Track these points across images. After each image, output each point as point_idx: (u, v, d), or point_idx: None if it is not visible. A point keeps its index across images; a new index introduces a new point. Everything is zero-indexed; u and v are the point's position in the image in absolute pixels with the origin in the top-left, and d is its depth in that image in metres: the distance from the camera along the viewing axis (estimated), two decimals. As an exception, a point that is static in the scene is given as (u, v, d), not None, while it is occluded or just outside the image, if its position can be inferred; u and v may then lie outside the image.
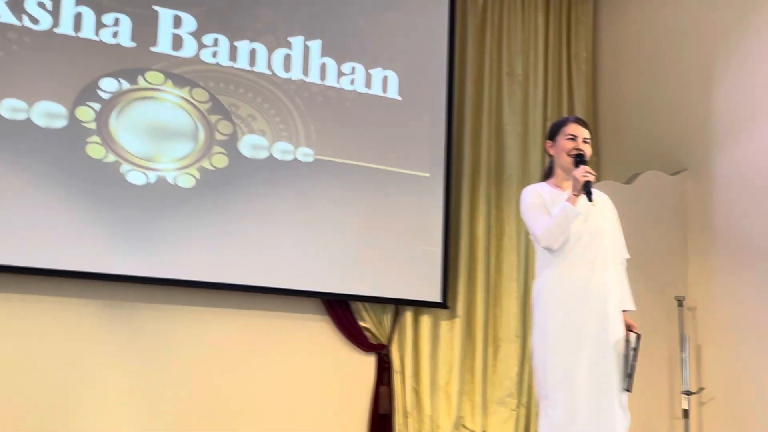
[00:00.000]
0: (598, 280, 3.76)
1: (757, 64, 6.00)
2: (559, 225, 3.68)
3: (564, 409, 3.63)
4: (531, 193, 3.90)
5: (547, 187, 3.93)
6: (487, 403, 6.56)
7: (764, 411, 5.64)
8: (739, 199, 6.01)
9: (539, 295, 3.81)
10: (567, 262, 3.74)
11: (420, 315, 6.46)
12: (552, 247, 3.73)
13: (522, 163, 6.95)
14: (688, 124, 6.50)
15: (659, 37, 6.88)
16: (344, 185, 6.24)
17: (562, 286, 3.74)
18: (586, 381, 3.65)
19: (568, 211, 3.67)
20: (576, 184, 3.70)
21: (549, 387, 3.67)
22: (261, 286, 5.90)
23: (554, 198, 3.86)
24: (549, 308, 3.75)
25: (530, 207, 3.86)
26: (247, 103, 6.03)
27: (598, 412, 3.65)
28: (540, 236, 3.74)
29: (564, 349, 3.67)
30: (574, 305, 3.71)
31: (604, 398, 3.66)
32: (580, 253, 3.76)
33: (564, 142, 3.88)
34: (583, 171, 3.70)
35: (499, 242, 6.81)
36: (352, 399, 6.22)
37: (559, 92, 7.25)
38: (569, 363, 3.65)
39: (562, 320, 3.71)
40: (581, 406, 3.62)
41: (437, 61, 6.70)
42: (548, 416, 3.66)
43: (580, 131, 3.90)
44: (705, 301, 6.19)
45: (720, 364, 6.02)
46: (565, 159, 3.88)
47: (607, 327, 3.75)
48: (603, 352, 3.71)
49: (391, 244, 6.32)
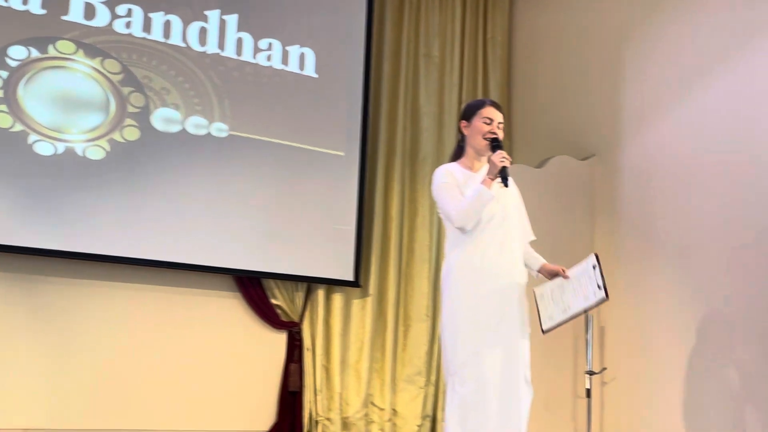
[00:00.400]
0: (507, 261, 3.83)
1: (666, 56, 6.16)
2: (473, 207, 3.73)
3: (473, 385, 3.69)
4: (444, 173, 3.94)
5: (458, 168, 3.97)
6: (396, 381, 6.63)
7: (662, 391, 5.84)
8: (644, 186, 6.18)
9: (449, 273, 3.86)
10: (477, 243, 3.80)
11: (332, 293, 6.48)
12: (465, 228, 3.78)
13: (437, 145, 7.02)
14: (598, 111, 6.65)
15: (573, 26, 7.01)
16: (258, 162, 6.20)
17: (472, 266, 3.80)
18: (494, 358, 3.71)
19: (484, 193, 3.72)
20: (492, 168, 3.76)
21: (458, 364, 3.72)
22: (171, 261, 5.83)
23: (466, 179, 3.90)
24: (459, 287, 3.80)
25: (443, 187, 3.88)
26: (160, 75, 5.94)
27: (506, 388, 3.73)
28: (454, 217, 3.78)
29: (473, 326, 3.74)
30: (483, 284, 3.78)
31: (511, 375, 3.74)
32: (490, 234, 3.82)
33: (480, 125, 3.92)
34: (501, 156, 3.76)
35: (412, 222, 6.88)
36: (262, 376, 6.22)
37: (475, 75, 7.33)
38: (478, 340, 3.72)
39: (471, 299, 3.77)
40: (490, 383, 3.69)
41: (355, 41, 6.70)
42: (457, 392, 3.72)
43: (496, 115, 3.95)
44: (609, 284, 6.33)
45: (622, 345, 6.20)
46: (480, 141, 3.93)
47: (515, 306, 3.82)
48: (511, 330, 3.79)
49: (304, 222, 6.32)
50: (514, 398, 3.73)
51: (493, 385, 3.70)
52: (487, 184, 3.75)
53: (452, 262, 3.85)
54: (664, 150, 6.06)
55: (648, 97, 6.26)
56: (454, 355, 3.76)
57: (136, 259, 5.72)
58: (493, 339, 3.74)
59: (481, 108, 3.96)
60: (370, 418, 6.48)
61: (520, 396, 3.75)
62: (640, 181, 6.23)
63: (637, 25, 6.42)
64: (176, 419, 5.86)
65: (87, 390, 5.62)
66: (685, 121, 5.94)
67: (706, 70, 5.82)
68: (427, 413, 6.64)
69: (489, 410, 3.68)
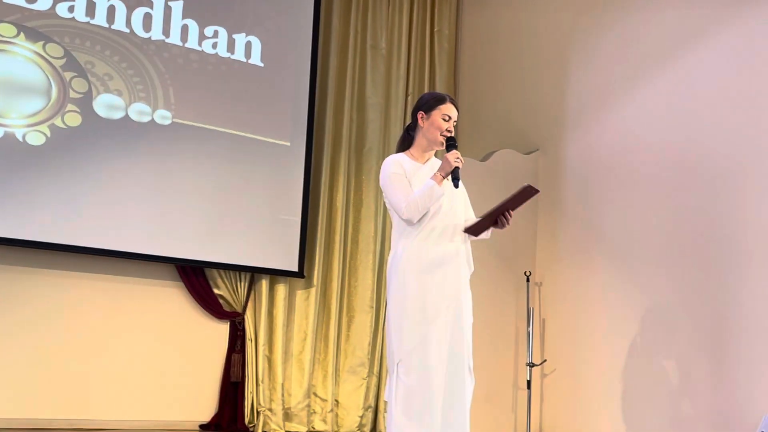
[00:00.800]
0: (453, 252, 3.86)
1: (609, 54, 6.25)
2: (423, 201, 3.76)
3: (419, 373, 3.71)
4: (393, 163, 3.95)
5: (406, 158, 3.98)
6: (339, 372, 6.64)
7: (600, 382, 5.93)
8: (586, 181, 6.27)
9: (396, 262, 3.87)
10: (424, 233, 3.83)
11: (276, 284, 6.46)
12: (413, 220, 3.81)
13: (382, 137, 7.03)
14: (542, 106, 6.71)
15: (520, 21, 7.06)
16: (203, 150, 6.15)
17: (419, 256, 3.82)
18: (440, 347, 3.74)
19: (435, 189, 3.76)
20: (446, 166, 3.79)
21: (404, 353, 3.74)
22: (112, 249, 5.75)
23: (414, 170, 3.92)
24: (406, 276, 3.82)
25: (393, 177, 3.89)
26: (103, 61, 5.85)
27: (452, 377, 3.76)
28: (404, 208, 3.80)
29: (420, 316, 3.76)
30: (430, 273, 3.80)
31: (457, 364, 3.78)
32: (437, 225, 3.85)
33: (439, 120, 3.94)
34: (456, 156, 3.80)
35: (357, 214, 6.88)
36: (203, 366, 6.18)
37: (422, 68, 7.36)
38: (424, 329, 3.74)
39: (419, 288, 3.79)
40: (435, 371, 3.72)
41: (302, 31, 6.67)
42: (401, 381, 3.73)
43: (455, 113, 3.99)
44: (551, 277, 6.44)
45: (562, 337, 6.29)
46: (436, 136, 3.94)
47: (461, 296, 3.86)
48: (456, 319, 3.82)
49: (249, 212, 6.29)
50: (459, 387, 3.77)
51: (438, 374, 3.72)
52: (438, 180, 3.78)
53: (399, 252, 3.87)
54: (606, 146, 6.15)
55: (591, 93, 6.35)
56: (400, 344, 3.78)
57: (75, 247, 5.63)
58: (440, 328, 3.77)
59: (442, 104, 3.97)
60: (313, 409, 6.48)
61: (465, 385, 3.78)
62: (582, 176, 6.31)
63: (582, 23, 6.50)
64: (116, 409, 5.80)
65: (23, 380, 5.52)
66: (626, 117, 6.03)
67: (648, 69, 5.92)
68: (370, 404, 6.66)
69: (434, 400, 3.70)
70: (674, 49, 5.76)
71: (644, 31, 6.00)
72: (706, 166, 5.44)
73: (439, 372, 3.73)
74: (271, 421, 6.22)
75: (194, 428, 6.06)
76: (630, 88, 6.03)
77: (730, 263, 5.26)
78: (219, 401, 6.19)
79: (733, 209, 5.26)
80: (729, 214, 5.28)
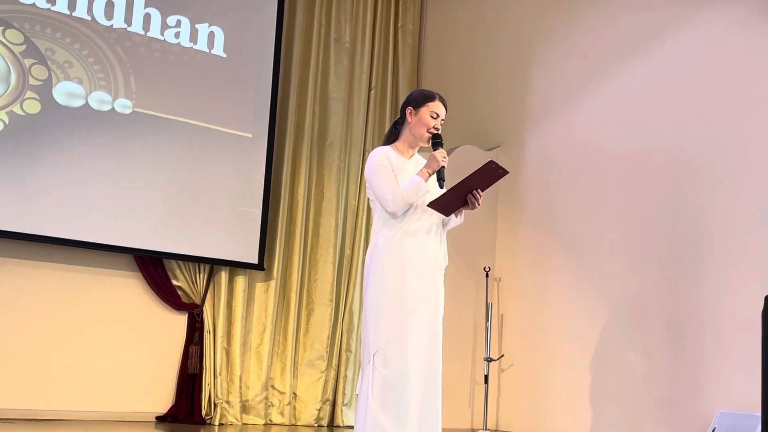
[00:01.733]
0: (433, 245, 3.92)
1: (570, 53, 6.30)
2: (409, 196, 3.82)
3: (396, 365, 3.75)
4: (380, 155, 3.98)
5: (392, 152, 4.01)
6: (297, 365, 6.63)
7: (557, 377, 5.99)
8: (547, 177, 6.32)
9: (377, 255, 3.90)
10: (405, 226, 3.88)
11: (235, 276, 6.44)
12: (397, 214, 3.86)
13: (345, 130, 7.03)
14: (504, 103, 6.76)
15: (483, 19, 7.10)
16: (163, 140, 6.11)
17: (400, 249, 3.86)
18: (418, 339, 3.79)
19: (421, 186, 3.82)
20: (432, 163, 3.85)
21: (382, 344, 3.77)
22: (69, 239, 5.70)
23: (400, 164, 3.96)
24: (386, 268, 3.86)
25: (380, 169, 3.93)
26: (64, 48, 5.79)
27: (428, 370, 3.81)
28: (390, 201, 3.84)
29: (399, 308, 3.80)
30: (410, 266, 3.85)
31: (433, 356, 3.83)
32: (419, 219, 3.90)
33: (427, 118, 3.99)
34: (443, 155, 3.85)
35: (319, 207, 6.88)
36: (160, 358, 6.14)
37: (385, 63, 7.37)
38: (402, 321, 3.78)
39: (398, 280, 3.83)
40: (413, 363, 3.76)
41: (265, 22, 6.65)
42: (378, 372, 3.76)
43: (443, 111, 4.04)
44: (510, 272, 6.49)
45: (520, 332, 6.34)
46: (423, 133, 3.99)
47: (438, 290, 3.92)
48: (434, 312, 3.88)
49: (209, 203, 6.26)
50: (435, 380, 3.83)
51: (415, 367, 3.77)
52: (424, 177, 3.83)
53: (380, 243, 3.90)
54: (567, 143, 6.21)
55: (552, 91, 6.40)
56: (377, 335, 3.81)
57: (32, 236, 5.56)
58: (417, 320, 3.81)
59: (431, 101, 4.02)
60: (270, 402, 6.47)
61: (439, 378, 3.85)
62: (542, 172, 6.36)
63: (545, 21, 6.55)
64: (71, 400, 5.75)
65: (-23, 369, 5.46)
66: (586, 115, 6.09)
67: (607, 68, 5.98)
68: (327, 397, 6.66)
69: (412, 391, 3.74)
70: (633, 48, 5.83)
71: (604, 31, 6.06)
72: (665, 162, 5.52)
73: (417, 364, 3.78)
74: (228, 414, 6.20)
75: (150, 420, 6.03)
76: (590, 87, 6.09)
77: (689, 258, 5.33)
78: (176, 393, 6.16)
79: (692, 205, 5.34)
80: (688, 210, 5.36)
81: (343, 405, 6.66)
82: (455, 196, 3.82)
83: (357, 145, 7.06)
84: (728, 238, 5.14)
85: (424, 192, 3.84)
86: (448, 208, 3.88)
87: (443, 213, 3.90)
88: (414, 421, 3.73)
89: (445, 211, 3.89)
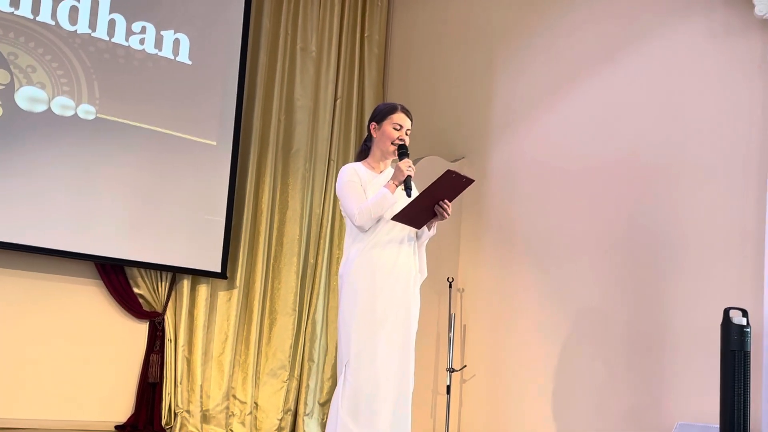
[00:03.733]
0: (404, 258, 3.97)
1: (534, 65, 6.35)
2: (375, 209, 3.87)
3: (367, 375, 3.80)
4: (349, 171, 4.03)
5: (362, 168, 4.07)
6: (259, 375, 6.60)
7: (520, 387, 6.02)
8: (510, 188, 6.36)
9: (349, 267, 3.95)
10: (377, 239, 3.93)
11: (198, 284, 6.40)
12: (364, 227, 3.90)
13: (310, 139, 7.02)
14: (468, 114, 6.80)
15: (448, 29, 7.14)
16: (126, 147, 6.06)
17: (370, 261, 3.91)
18: (389, 349, 3.85)
19: (387, 197, 3.87)
20: (398, 174, 3.90)
21: (353, 354, 3.82)
22: (29, 245, 5.63)
23: (370, 179, 4.01)
24: (358, 280, 3.90)
25: (348, 185, 3.99)
26: (27, 53, 5.73)
27: (399, 380, 3.86)
28: (357, 215, 3.89)
29: (369, 318, 3.86)
30: (381, 279, 3.90)
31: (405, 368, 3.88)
32: (390, 231, 3.94)
33: (390, 130, 4.04)
34: (408, 164, 3.89)
35: (283, 216, 6.86)
36: (121, 366, 6.08)
37: (351, 72, 7.37)
38: (373, 331, 3.83)
39: (369, 292, 3.88)
40: (384, 373, 3.82)
41: (231, 30, 6.63)
42: (349, 382, 3.81)
43: (406, 122, 4.08)
44: (473, 283, 6.51)
45: (483, 343, 6.36)
46: (388, 145, 4.04)
47: (410, 301, 3.97)
48: (406, 323, 3.93)
49: (172, 211, 6.21)
50: (406, 390, 3.88)
51: (387, 377, 3.82)
52: (390, 189, 3.88)
53: (352, 257, 3.95)
54: (531, 155, 6.26)
55: (516, 103, 6.45)
56: (348, 345, 3.85)
57: (-8, 242, 5.50)
58: (388, 330, 3.86)
59: (393, 113, 4.07)
60: (231, 411, 6.43)
61: (410, 386, 3.90)
62: (506, 184, 6.40)
63: (510, 33, 6.60)
64: (29, 409, 5.67)
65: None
66: (550, 127, 6.15)
67: (571, 80, 6.04)
68: (289, 407, 6.64)
69: (382, 401, 3.78)
70: (597, 60, 5.89)
71: (569, 42, 6.12)
72: (630, 174, 5.58)
73: (388, 374, 3.85)
74: (189, 423, 6.15)
75: (110, 429, 5.97)
76: (554, 99, 6.15)
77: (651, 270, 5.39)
78: (136, 402, 6.10)
79: (656, 215, 5.40)
80: (652, 219, 5.42)
81: (305, 415, 6.64)
82: (419, 208, 3.85)
83: (322, 155, 7.05)
84: (689, 250, 5.20)
85: (391, 203, 3.88)
86: (415, 221, 3.91)
87: (412, 226, 3.93)
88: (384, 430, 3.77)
89: (414, 224, 3.92)
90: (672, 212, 5.32)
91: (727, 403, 4.48)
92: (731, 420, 4.46)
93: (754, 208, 4.97)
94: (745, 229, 4.97)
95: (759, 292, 4.80)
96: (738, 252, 4.99)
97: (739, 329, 4.53)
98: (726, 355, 4.52)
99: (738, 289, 4.95)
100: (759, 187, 4.94)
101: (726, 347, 4.53)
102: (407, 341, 3.95)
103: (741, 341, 4.51)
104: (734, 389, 4.48)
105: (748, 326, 4.55)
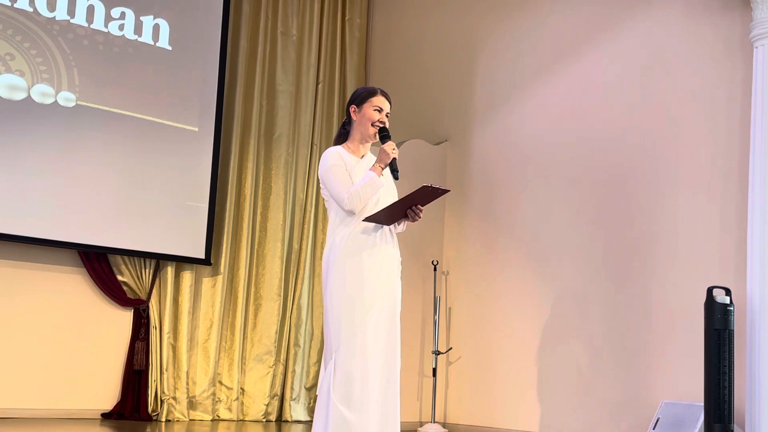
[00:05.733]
0: (388, 240, 3.98)
1: (517, 49, 6.35)
2: (365, 192, 3.87)
3: (357, 360, 3.81)
4: (333, 155, 4.02)
5: (344, 152, 4.05)
6: (245, 361, 6.60)
7: (504, 369, 6.05)
8: (493, 172, 6.37)
9: (335, 253, 3.94)
10: (364, 225, 3.90)
11: (182, 271, 6.37)
12: (354, 211, 3.90)
13: (292, 124, 6.99)
14: (452, 98, 6.79)
15: (431, 14, 7.12)
16: (108, 134, 6.02)
17: (357, 243, 3.92)
18: (376, 333, 3.86)
19: (376, 181, 3.87)
20: (383, 157, 3.90)
21: (342, 339, 3.83)
22: (12, 234, 5.59)
23: (352, 164, 3.99)
24: (345, 263, 3.90)
25: (333, 169, 3.97)
26: (5, 40, 5.67)
27: (388, 364, 3.87)
28: (346, 199, 3.88)
29: (358, 303, 3.87)
30: (368, 264, 3.91)
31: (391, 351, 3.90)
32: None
33: (371, 113, 4.03)
34: (392, 147, 3.88)
35: (266, 202, 6.83)
36: (106, 354, 6.07)
37: (333, 56, 7.33)
38: (361, 316, 3.83)
39: (356, 277, 3.88)
40: (373, 357, 3.83)
41: (211, 15, 6.58)
42: (340, 367, 3.82)
43: (386, 105, 4.08)
44: (458, 266, 6.53)
45: (468, 325, 6.38)
46: (369, 128, 4.03)
47: (396, 286, 3.98)
48: (392, 307, 3.94)
49: (155, 198, 6.18)
50: (394, 374, 3.90)
51: (375, 361, 3.84)
52: (377, 172, 3.88)
53: (337, 242, 3.95)
54: (513, 138, 6.27)
55: (498, 88, 6.45)
56: (338, 331, 3.85)
57: (-27, 231, 5.46)
58: (376, 315, 3.87)
59: (373, 96, 4.07)
60: (218, 398, 6.43)
61: (398, 371, 3.91)
62: (489, 167, 6.41)
63: (492, 17, 6.59)
64: (14, 397, 5.65)
65: None
66: (531, 111, 6.16)
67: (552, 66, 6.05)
68: (275, 392, 6.64)
69: (373, 385, 3.80)
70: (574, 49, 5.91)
71: (549, 29, 6.12)
72: (609, 157, 5.60)
73: (377, 358, 3.86)
74: (175, 410, 6.15)
75: (96, 417, 5.95)
76: (535, 84, 6.15)
77: (633, 251, 5.42)
78: (122, 389, 6.09)
79: (638, 194, 5.43)
80: (632, 204, 5.45)
81: (291, 400, 6.65)
82: (392, 212, 3.88)
83: (305, 139, 7.02)
84: (671, 232, 5.23)
85: (379, 186, 3.88)
86: (386, 221, 3.95)
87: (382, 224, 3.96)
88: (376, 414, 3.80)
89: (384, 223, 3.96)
90: (654, 192, 5.35)
91: (711, 381, 4.53)
92: (716, 398, 4.50)
93: (736, 185, 5.00)
94: (728, 207, 5.00)
95: (742, 270, 4.83)
96: (721, 231, 5.03)
97: (722, 308, 4.57)
98: (710, 334, 4.56)
99: (721, 268, 4.99)
100: (741, 164, 4.97)
101: (710, 326, 4.57)
102: (393, 324, 3.97)
103: (725, 320, 4.55)
104: (719, 368, 4.52)
105: (731, 305, 4.59)
